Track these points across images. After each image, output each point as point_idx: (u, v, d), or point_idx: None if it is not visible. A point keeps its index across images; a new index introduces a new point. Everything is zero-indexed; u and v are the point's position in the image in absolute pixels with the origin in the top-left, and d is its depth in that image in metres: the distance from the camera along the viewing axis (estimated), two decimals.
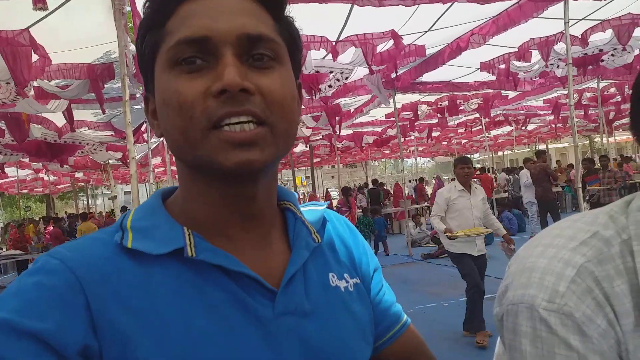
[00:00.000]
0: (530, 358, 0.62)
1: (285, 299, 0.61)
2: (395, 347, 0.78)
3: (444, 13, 5.49)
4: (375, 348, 0.76)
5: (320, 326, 0.63)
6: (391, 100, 8.78)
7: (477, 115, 11.52)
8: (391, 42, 5.78)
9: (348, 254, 0.75)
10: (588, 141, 25.23)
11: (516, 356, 0.65)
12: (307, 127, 11.06)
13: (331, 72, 6.88)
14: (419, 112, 10.75)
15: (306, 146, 13.98)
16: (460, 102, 10.33)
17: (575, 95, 9.54)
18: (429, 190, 18.76)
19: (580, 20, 6.17)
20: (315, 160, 18.34)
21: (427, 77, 8.03)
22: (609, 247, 0.64)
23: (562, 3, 5.16)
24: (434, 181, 16.32)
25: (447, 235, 4.61)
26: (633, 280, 0.61)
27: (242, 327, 0.57)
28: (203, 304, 0.57)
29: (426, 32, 6.21)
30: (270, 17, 0.61)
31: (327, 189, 25.87)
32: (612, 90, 10.63)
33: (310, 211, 0.74)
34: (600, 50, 6.80)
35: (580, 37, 6.24)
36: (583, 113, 11.91)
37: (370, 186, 15.72)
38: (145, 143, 8.99)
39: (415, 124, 11.86)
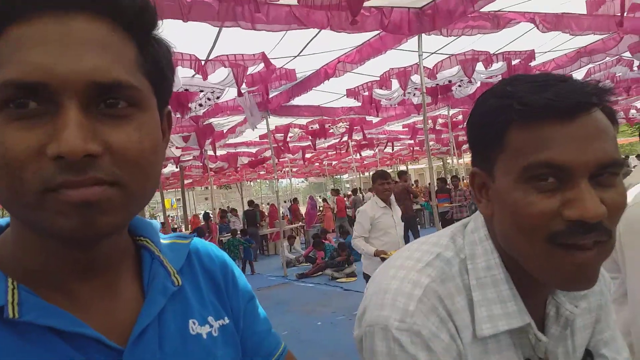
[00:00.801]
0: None
1: (133, 358, 0.53)
2: None
3: (312, 39, 5.70)
4: None
5: None
6: (264, 122, 8.84)
7: (345, 138, 12.10)
8: (262, 64, 5.83)
9: (215, 290, 0.69)
10: (442, 162, 27.90)
11: None
12: (177, 147, 10.63)
13: (201, 91, 6.72)
14: (291, 135, 10.99)
15: (176, 167, 13.42)
16: (329, 126, 10.79)
17: (429, 121, 10.54)
18: (303, 210, 19.15)
19: (432, 53, 6.84)
20: (186, 182, 17.72)
21: (298, 100, 8.24)
22: (450, 267, 0.70)
23: (417, 37, 5.67)
24: (307, 201, 16.70)
25: (381, 257, 4.11)
26: (469, 296, 0.68)
27: None
28: None
29: (295, 57, 6.39)
30: (132, 46, 0.51)
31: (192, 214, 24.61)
32: (460, 117, 11.93)
33: (172, 245, 0.67)
34: (450, 81, 7.60)
35: (431, 68, 6.90)
36: (435, 137, 13.15)
37: (247, 207, 15.54)
38: None
39: (289, 145, 12.09)
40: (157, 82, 0.54)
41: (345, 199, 16.77)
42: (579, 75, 8.08)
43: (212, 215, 15.09)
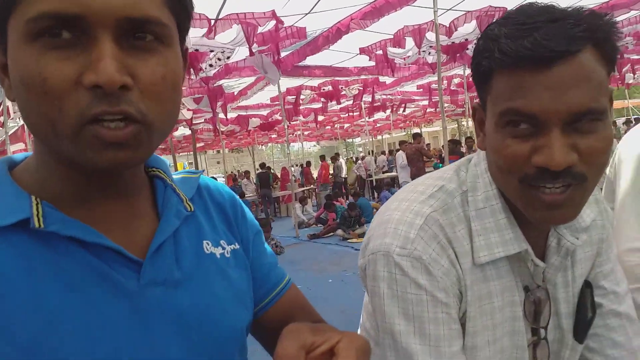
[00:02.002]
0: (387, 299, 0.70)
1: (152, 269, 0.57)
2: (280, 306, 0.76)
3: None
4: (260, 309, 0.75)
5: (193, 295, 0.60)
6: (274, 84, 8.74)
7: (358, 100, 11.94)
8: (272, 23, 5.70)
9: (225, 220, 0.73)
10: (456, 125, 27.55)
11: (376, 300, 0.72)
12: (188, 110, 10.61)
13: (211, 51, 6.63)
14: (303, 97, 10.86)
15: (189, 129, 13.43)
16: (342, 88, 10.62)
17: (444, 81, 10.32)
18: (315, 173, 19.19)
19: (448, 10, 6.63)
20: (198, 145, 17.75)
21: (309, 60, 8.10)
22: (452, 199, 0.73)
23: None
24: (320, 163, 16.70)
25: None
26: (469, 226, 0.72)
27: (104, 301, 0.53)
28: (57, 281, 0.51)
29: (306, 14, 6.23)
30: None
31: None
32: None
33: (183, 179, 0.70)
34: (466, 39, 7.38)
35: (447, 26, 6.70)
36: (450, 98, 12.92)
37: (259, 170, 15.59)
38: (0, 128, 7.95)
39: (300, 108, 11.99)
40: (181, 17, 0.56)
41: (360, 161, 16.74)
42: None
43: (223, 180, 15.16)
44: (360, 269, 0.77)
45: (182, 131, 15.08)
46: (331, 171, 15.83)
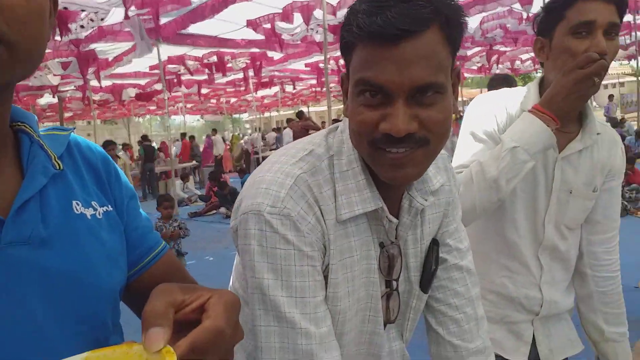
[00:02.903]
0: (257, 255, 0.74)
1: (14, 228, 0.56)
2: (154, 271, 0.76)
3: None
4: (135, 272, 0.75)
5: (61, 255, 0.60)
6: (155, 52, 8.12)
7: (245, 74, 11.64)
8: None
9: (97, 181, 0.72)
10: (343, 105, 28.28)
11: (246, 257, 0.76)
12: (55, 75, 9.50)
13: (83, 11, 5.95)
14: (187, 67, 10.29)
15: (54, 97, 12.08)
16: (228, 60, 10.24)
17: (331, 61, 10.43)
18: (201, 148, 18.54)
19: None
20: (66, 115, 16.17)
21: (193, 29, 7.65)
22: (320, 162, 0.80)
23: None
24: (204, 139, 16.14)
25: None
26: (334, 187, 0.79)
27: None
28: None
29: None
30: None
31: None
32: None
33: (52, 136, 0.68)
34: None
35: (335, 5, 6.72)
36: (337, 78, 13.18)
37: (143, 142, 14.37)
38: None
39: (183, 79, 11.37)
40: None
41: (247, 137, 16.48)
42: (472, 23, 8.42)
43: None
44: (233, 230, 0.80)
45: (48, 99, 13.52)
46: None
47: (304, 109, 22.16)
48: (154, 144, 15.67)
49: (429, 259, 0.90)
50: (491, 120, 1.27)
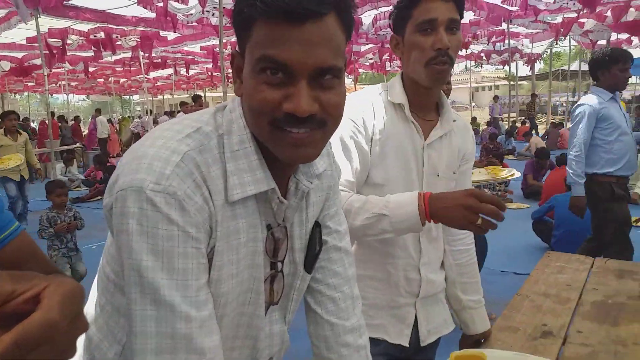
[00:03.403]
0: (136, 235, 0.69)
1: None
2: (5, 254, 0.73)
3: None
4: None
5: None
6: (34, 22, 7.42)
7: (135, 53, 11.04)
8: None
9: None
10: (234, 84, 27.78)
11: (123, 237, 0.70)
12: None
13: None
14: (70, 42, 9.51)
15: None
16: (117, 37, 9.64)
17: (228, 45, 10.27)
18: (85, 130, 17.23)
19: None
20: None
21: (78, 1, 7.12)
22: (209, 140, 0.76)
23: None
24: (90, 121, 15.04)
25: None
26: (224, 167, 0.76)
27: None
28: None
29: None
30: None
31: None
32: None
33: None
34: None
35: None
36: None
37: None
38: None
39: (67, 54, 10.50)
40: None
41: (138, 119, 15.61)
42: (366, 20, 8.79)
43: None
44: (106, 209, 0.74)
45: None
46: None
47: (200, 93, 21.53)
48: (34, 123, 14.19)
49: (313, 241, 0.91)
50: (358, 123, 1.33)
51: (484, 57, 19.93)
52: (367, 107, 1.36)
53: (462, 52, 18.73)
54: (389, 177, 1.36)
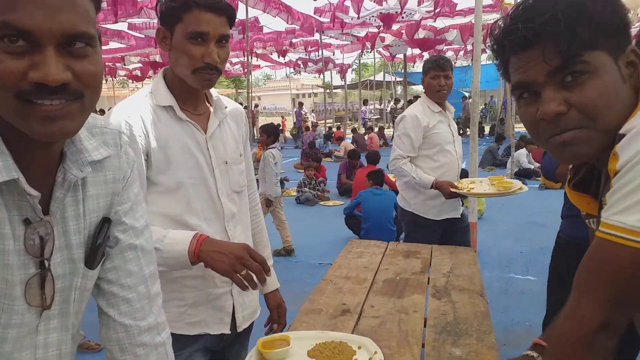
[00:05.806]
0: None
1: None
2: None
3: None
4: None
5: None
6: None
7: None
8: None
9: None
10: None
11: None
12: None
13: None
14: None
15: None
16: None
17: None
18: None
19: None
20: None
21: None
22: None
23: None
24: None
25: (454, 192, 2.82)
26: None
27: None
28: None
29: None
30: None
31: None
32: None
33: None
34: None
35: None
36: None
37: None
38: None
39: None
40: None
41: None
42: None
43: None
44: None
45: None
46: None
47: None
48: None
49: (95, 235, 0.85)
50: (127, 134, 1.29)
51: (302, 65, 21.11)
52: (135, 118, 1.34)
53: (282, 60, 19.56)
54: (181, 180, 1.38)
